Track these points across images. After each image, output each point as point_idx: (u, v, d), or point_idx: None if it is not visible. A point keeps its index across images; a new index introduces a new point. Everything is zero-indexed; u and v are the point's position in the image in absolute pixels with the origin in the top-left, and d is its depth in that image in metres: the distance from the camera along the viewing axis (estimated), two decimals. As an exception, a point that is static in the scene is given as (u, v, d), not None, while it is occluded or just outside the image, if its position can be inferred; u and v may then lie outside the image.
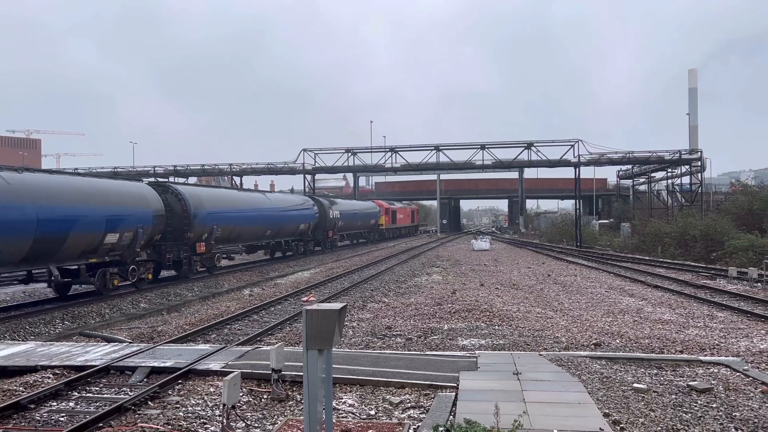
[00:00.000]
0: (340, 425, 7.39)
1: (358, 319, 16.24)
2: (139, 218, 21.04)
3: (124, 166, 64.27)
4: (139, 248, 21.33)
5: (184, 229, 24.44)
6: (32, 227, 16.22)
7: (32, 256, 16.76)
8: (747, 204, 40.23)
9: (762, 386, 9.31)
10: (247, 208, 30.77)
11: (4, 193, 15.69)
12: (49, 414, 8.33)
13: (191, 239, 25.17)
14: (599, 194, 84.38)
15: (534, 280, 25.84)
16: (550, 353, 11.43)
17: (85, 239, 18.44)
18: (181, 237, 24.51)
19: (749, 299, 19.44)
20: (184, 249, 24.86)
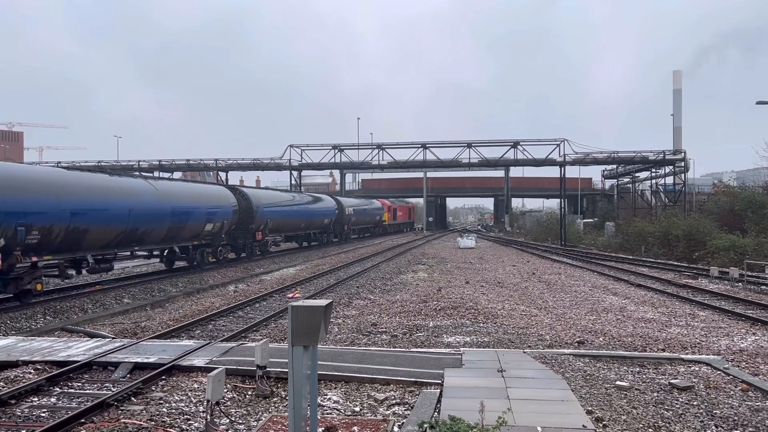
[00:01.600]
0: (324, 422, 7.38)
1: (344, 315, 16.23)
2: (224, 213, 28.69)
3: (108, 160, 63.69)
4: (223, 234, 29.01)
5: (248, 221, 31.65)
6: (169, 218, 23.80)
7: (167, 238, 24.55)
8: (729, 205, 40.74)
9: (742, 384, 9.44)
10: (290, 206, 38.92)
11: (154, 195, 23.25)
12: (30, 410, 8.24)
13: (253, 229, 32.50)
14: (584, 193, 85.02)
15: (519, 278, 25.98)
16: (534, 351, 11.50)
17: (195, 227, 26.18)
18: (247, 228, 31.73)
19: (730, 299, 19.70)
20: (249, 237, 32.31)
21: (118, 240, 21.23)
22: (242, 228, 31.18)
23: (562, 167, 53.24)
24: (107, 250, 21.03)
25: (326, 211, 46.50)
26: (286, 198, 39.60)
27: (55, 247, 18.13)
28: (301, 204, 42.01)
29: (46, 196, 17.67)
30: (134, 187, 22.62)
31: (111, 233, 20.59)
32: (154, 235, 23.22)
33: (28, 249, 16.94)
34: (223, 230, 28.67)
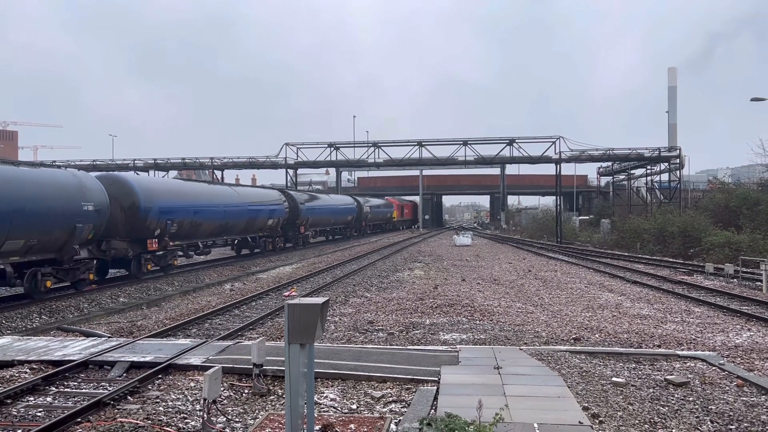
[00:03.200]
0: (321, 419, 7.38)
1: (341, 313, 16.23)
2: (280, 211, 37.16)
3: (103, 159, 63.43)
4: (279, 228, 37.77)
5: (295, 218, 39.96)
6: (246, 215, 31.98)
7: (244, 230, 32.72)
8: (724, 201, 40.86)
9: (737, 380, 9.49)
10: (323, 206, 48.76)
11: (236, 198, 31.64)
12: (26, 409, 8.22)
13: (298, 224, 40.85)
14: (580, 191, 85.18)
15: (515, 275, 26.01)
16: (530, 348, 11.52)
17: (262, 222, 34.45)
18: (294, 223, 40.12)
19: (725, 295, 19.77)
20: (295, 230, 40.72)
21: (217, 231, 29.52)
22: (290, 223, 39.75)
23: (558, 164, 53.29)
24: (210, 238, 29.44)
25: (350, 209, 56.18)
26: (321, 198, 50.00)
27: (183, 236, 25.93)
28: (331, 204, 51.37)
29: (181, 199, 25.70)
30: (225, 192, 31.41)
31: (214, 226, 28.80)
32: (237, 227, 31.68)
33: (171, 237, 24.49)
34: (279, 224, 37.69)
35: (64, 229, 18.02)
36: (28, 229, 16.57)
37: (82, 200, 18.87)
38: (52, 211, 17.44)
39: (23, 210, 16.31)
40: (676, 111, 78.48)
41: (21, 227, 16.25)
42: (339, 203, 54.27)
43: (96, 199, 19.55)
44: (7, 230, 15.73)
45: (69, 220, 18.15)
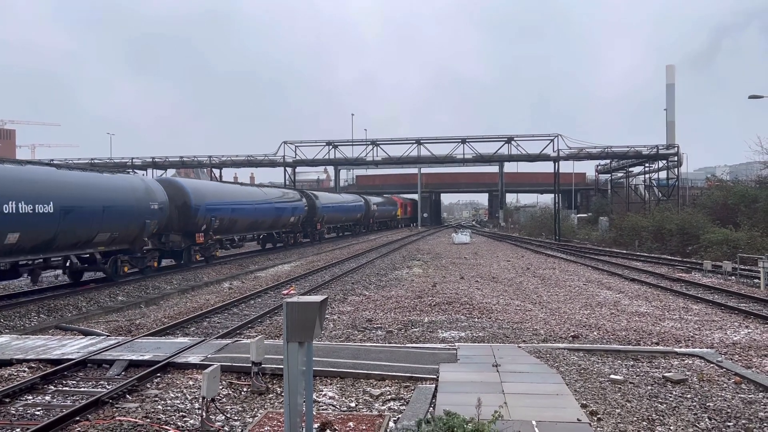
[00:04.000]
0: (320, 417, 7.39)
1: (339, 311, 16.24)
2: (301, 209, 41.80)
3: (101, 158, 63.32)
4: (300, 225, 42.24)
5: (312, 215, 44.84)
6: (273, 212, 36.51)
7: (270, 226, 36.96)
8: (722, 199, 40.88)
9: (735, 377, 9.51)
10: (337, 204, 53.33)
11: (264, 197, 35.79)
12: (25, 408, 8.22)
13: (315, 221, 45.81)
14: (578, 188, 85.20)
15: (513, 273, 26.03)
16: (528, 345, 11.54)
17: (285, 219, 39.00)
18: (311, 220, 44.87)
19: (723, 292, 19.81)
20: (312, 227, 45.91)
21: (249, 226, 33.82)
22: (308, 220, 44.48)
23: (556, 162, 53.31)
24: (243, 233, 33.43)
25: (359, 208, 60.83)
26: (334, 197, 54.80)
27: (223, 230, 29.79)
28: (343, 203, 56.06)
29: (222, 199, 29.60)
30: (255, 192, 36.43)
31: (247, 222, 33.17)
32: (265, 224, 35.94)
33: (214, 231, 28.50)
34: (299, 221, 41.98)
35: (137, 225, 21.92)
36: (112, 224, 20.45)
37: (149, 201, 22.74)
38: (129, 210, 21.32)
39: (109, 209, 20.17)
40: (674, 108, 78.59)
41: (107, 223, 20.19)
42: (350, 202, 59.22)
43: (159, 200, 23.47)
44: (98, 225, 19.76)
45: (140, 217, 21.98)
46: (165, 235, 25.25)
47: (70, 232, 18.57)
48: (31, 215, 16.60)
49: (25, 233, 16.51)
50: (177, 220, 25.58)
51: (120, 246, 21.59)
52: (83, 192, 19.27)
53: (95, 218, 19.44)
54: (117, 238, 21.00)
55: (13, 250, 16.46)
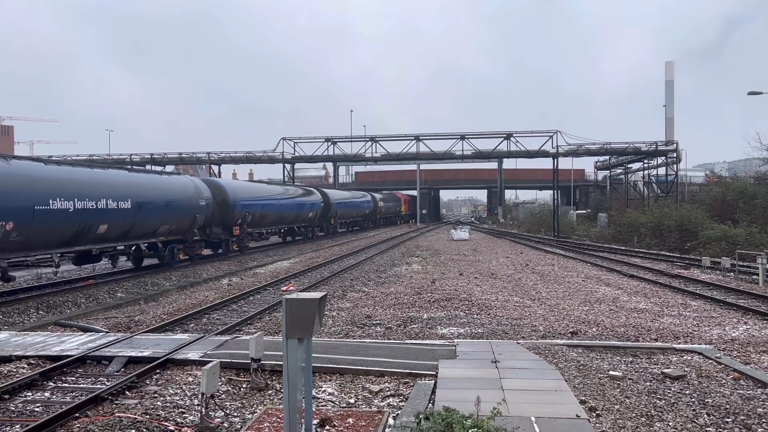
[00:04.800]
0: (319, 414, 7.40)
1: (338, 308, 16.25)
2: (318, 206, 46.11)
3: (99, 154, 63.23)
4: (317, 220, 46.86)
5: (327, 211, 49.26)
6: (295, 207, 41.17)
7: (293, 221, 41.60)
8: (720, 195, 40.90)
9: (734, 373, 9.53)
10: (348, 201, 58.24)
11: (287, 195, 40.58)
12: (24, 404, 8.22)
13: (329, 217, 50.33)
14: (577, 185, 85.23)
15: (512, 269, 26.05)
16: (527, 341, 11.55)
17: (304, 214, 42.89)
18: (326, 216, 49.44)
19: (722, 288, 19.83)
20: (327, 222, 50.60)
21: (276, 221, 38.38)
22: (324, 216, 48.50)
23: (555, 159, 53.31)
24: (269, 227, 38.33)
25: (368, 204, 65.77)
26: (345, 195, 58.84)
27: (255, 224, 33.84)
28: (354, 200, 60.76)
29: (254, 196, 33.84)
30: (281, 190, 41.28)
31: (274, 217, 37.27)
32: (288, 219, 40.51)
33: (248, 225, 32.44)
34: (317, 217, 46.28)
35: (189, 218, 25.80)
36: (170, 218, 24.04)
37: (198, 198, 26.51)
38: (183, 206, 25.06)
39: (168, 205, 23.79)
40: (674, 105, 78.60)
41: (168, 217, 23.83)
42: (360, 199, 63.93)
43: (205, 197, 27.23)
44: (161, 219, 23.45)
45: (192, 212, 25.87)
46: (209, 227, 28.84)
47: (142, 225, 22.23)
48: (116, 210, 20.30)
49: (111, 225, 20.22)
50: (218, 214, 29.16)
51: (175, 236, 25.46)
52: (151, 191, 23.13)
53: (159, 213, 23.26)
54: (174, 230, 24.89)
55: (103, 238, 20.38)
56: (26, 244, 16.94)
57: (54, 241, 18.16)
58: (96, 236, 19.69)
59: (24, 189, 16.53)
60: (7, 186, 15.92)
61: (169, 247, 25.28)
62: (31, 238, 16.89)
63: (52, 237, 17.85)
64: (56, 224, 17.65)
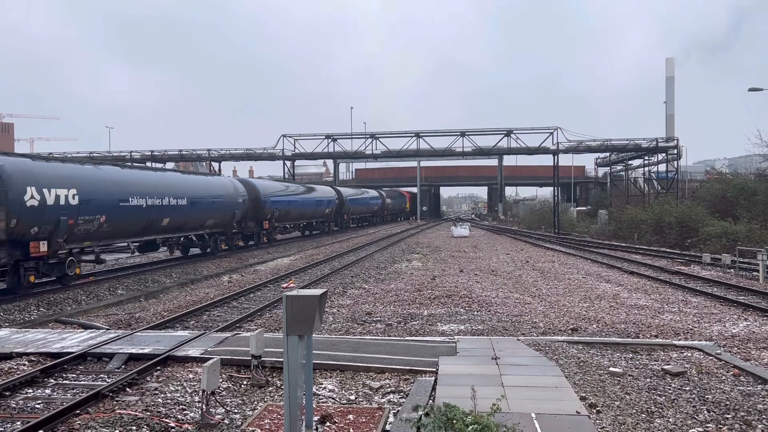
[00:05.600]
0: (320, 410, 7.41)
1: (339, 305, 16.26)
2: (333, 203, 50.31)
3: (99, 152, 63.23)
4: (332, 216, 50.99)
5: (341, 208, 53.03)
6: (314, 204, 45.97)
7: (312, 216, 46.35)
8: (721, 192, 40.88)
9: (734, 369, 9.53)
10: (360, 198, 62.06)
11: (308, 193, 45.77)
12: (25, 401, 8.23)
13: (343, 213, 54.76)
14: (577, 181, 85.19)
15: (512, 266, 26.05)
16: (528, 338, 11.56)
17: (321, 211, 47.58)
18: (340, 211, 53.27)
19: (722, 285, 19.84)
20: (341, 218, 54.80)
21: (298, 216, 42.76)
22: (338, 212, 52.33)
23: (556, 155, 53.30)
24: (293, 221, 42.44)
25: (377, 202, 70.37)
26: (357, 192, 62.74)
27: (281, 219, 38.07)
28: (365, 197, 64.92)
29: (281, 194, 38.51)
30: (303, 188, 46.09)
31: (297, 212, 41.86)
32: (308, 214, 45.00)
33: (275, 219, 36.96)
34: (332, 213, 50.54)
35: (230, 213, 29.97)
36: (215, 213, 28.33)
37: (237, 196, 30.69)
38: (225, 202, 29.37)
39: (213, 202, 28.13)
40: (674, 101, 78.52)
41: (213, 212, 28.13)
42: (370, 197, 68.33)
43: (242, 195, 31.41)
44: (208, 213, 27.71)
45: (232, 208, 30.04)
46: (244, 221, 32.65)
47: (194, 219, 26.53)
48: (175, 206, 24.23)
49: (172, 218, 24.16)
50: (251, 210, 33.13)
51: (218, 229, 29.54)
52: (201, 190, 27.38)
53: (207, 208, 27.49)
54: (217, 223, 29.00)
55: (164, 229, 24.45)
56: (112, 233, 21.00)
57: (131, 231, 22.18)
58: (159, 228, 23.84)
59: (111, 189, 20.50)
60: (100, 187, 20.00)
61: (213, 238, 29.24)
62: (116, 229, 20.94)
63: (130, 228, 21.89)
64: (133, 217, 21.67)
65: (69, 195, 18.28)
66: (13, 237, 16.57)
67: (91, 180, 19.78)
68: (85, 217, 18.89)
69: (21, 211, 16.53)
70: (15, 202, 16.35)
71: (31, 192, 16.90)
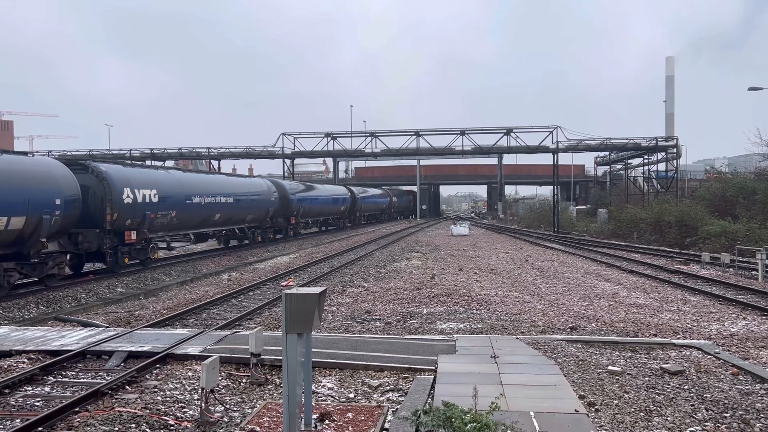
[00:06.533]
0: (319, 408, 7.41)
1: (338, 303, 16.27)
2: (347, 201, 54.62)
3: (99, 149, 63.16)
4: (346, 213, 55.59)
5: (354, 206, 57.22)
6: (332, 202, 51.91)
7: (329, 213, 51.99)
8: (720, 191, 40.90)
9: (732, 368, 9.54)
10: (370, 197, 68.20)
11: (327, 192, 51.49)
12: (25, 399, 8.24)
13: (355, 211, 59.20)
14: (577, 180, 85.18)
15: (512, 265, 26.06)
16: (527, 337, 11.57)
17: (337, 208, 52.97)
18: (353, 210, 57.80)
19: (721, 284, 19.85)
20: (353, 215, 59.09)
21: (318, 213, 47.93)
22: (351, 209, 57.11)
23: (555, 154, 53.29)
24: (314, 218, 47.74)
25: (386, 200, 76.76)
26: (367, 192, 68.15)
27: (303, 216, 43.16)
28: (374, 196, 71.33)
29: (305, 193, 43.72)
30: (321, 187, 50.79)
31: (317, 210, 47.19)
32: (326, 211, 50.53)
33: (300, 216, 41.94)
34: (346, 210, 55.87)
35: (265, 210, 34.83)
36: (253, 210, 33.21)
37: (270, 195, 35.72)
38: (261, 200, 34.21)
39: (253, 200, 33.10)
40: (674, 101, 78.49)
41: (253, 208, 33.10)
42: (379, 195, 74.17)
43: (274, 194, 36.37)
44: (249, 210, 32.59)
45: (267, 205, 35.09)
46: (275, 217, 37.38)
47: (238, 214, 31.31)
48: (224, 203, 29.00)
49: (222, 214, 28.99)
50: (281, 207, 37.89)
51: (255, 224, 34.40)
52: (243, 189, 32.50)
53: (248, 205, 32.30)
54: (255, 218, 33.91)
55: (216, 223, 29.45)
56: (179, 225, 25.68)
57: (192, 224, 27.04)
58: (212, 222, 28.74)
59: (179, 190, 25.13)
60: (172, 188, 24.59)
61: (251, 231, 34.25)
62: (182, 222, 25.58)
63: (192, 221, 26.70)
64: (195, 212, 26.38)
65: (151, 194, 22.70)
66: (114, 228, 20.85)
67: (165, 182, 24.47)
68: (162, 212, 23.44)
69: (120, 208, 20.84)
70: (116, 200, 20.66)
71: (127, 192, 21.24)
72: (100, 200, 20.24)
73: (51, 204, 17.54)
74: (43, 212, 17.17)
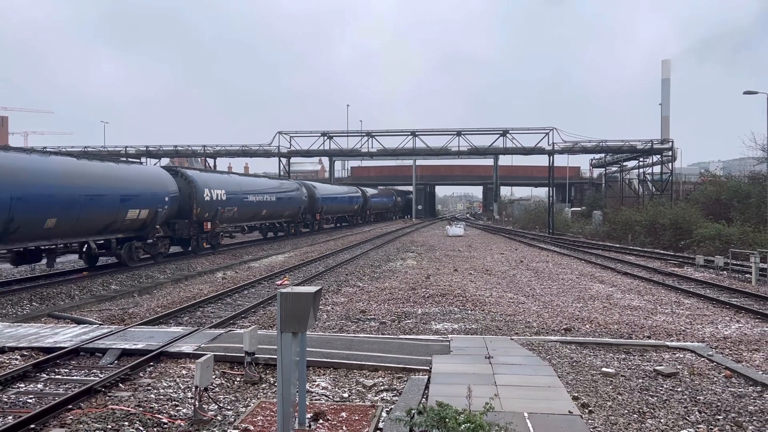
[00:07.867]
0: (313, 407, 7.41)
1: (333, 302, 16.25)
2: (360, 200, 62.57)
3: (94, 146, 62.93)
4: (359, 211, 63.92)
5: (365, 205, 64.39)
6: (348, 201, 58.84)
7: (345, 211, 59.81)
8: (715, 194, 41.07)
9: (725, 371, 9.58)
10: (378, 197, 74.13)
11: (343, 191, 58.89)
12: (17, 396, 8.20)
13: (366, 209, 66.14)
14: (572, 182, 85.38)
15: (507, 265, 26.10)
16: (521, 338, 11.59)
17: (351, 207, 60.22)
18: (364, 208, 64.53)
19: (715, 287, 19.93)
20: (364, 213, 66.33)
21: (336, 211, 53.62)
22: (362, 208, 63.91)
23: (551, 156, 53.40)
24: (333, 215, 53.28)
25: (392, 200, 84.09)
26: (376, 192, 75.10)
27: (326, 212, 49.68)
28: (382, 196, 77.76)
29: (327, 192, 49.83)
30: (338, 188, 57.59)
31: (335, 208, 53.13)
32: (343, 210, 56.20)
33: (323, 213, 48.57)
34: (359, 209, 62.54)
35: (297, 207, 41.51)
36: (289, 207, 40.00)
37: (302, 194, 42.40)
38: (295, 198, 41.13)
39: (290, 198, 40.07)
40: (669, 104, 78.76)
41: (288, 205, 39.81)
42: (386, 196, 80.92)
43: (304, 193, 43.03)
44: (286, 206, 39.36)
45: (299, 203, 41.85)
46: (304, 213, 43.60)
47: (278, 210, 38.04)
48: (269, 201, 35.79)
49: (267, 210, 35.73)
50: (309, 205, 44.10)
51: (290, 219, 41.00)
52: (283, 189, 39.39)
53: (286, 203, 39.17)
54: (290, 214, 40.69)
55: (262, 217, 35.99)
56: (238, 219, 32.07)
57: (247, 217, 33.45)
58: (260, 216, 35.37)
59: (238, 189, 31.59)
60: (235, 188, 31.03)
61: (287, 225, 40.89)
62: (240, 216, 32.00)
63: (247, 215, 33.11)
64: (250, 208, 33.09)
65: (221, 193, 28.90)
66: (196, 219, 27.01)
67: (230, 183, 31.16)
68: (228, 207, 29.62)
69: (201, 204, 27.04)
70: (200, 198, 26.96)
71: (206, 192, 27.51)
72: (188, 198, 26.32)
73: (162, 201, 23.97)
74: (158, 206, 23.56)
